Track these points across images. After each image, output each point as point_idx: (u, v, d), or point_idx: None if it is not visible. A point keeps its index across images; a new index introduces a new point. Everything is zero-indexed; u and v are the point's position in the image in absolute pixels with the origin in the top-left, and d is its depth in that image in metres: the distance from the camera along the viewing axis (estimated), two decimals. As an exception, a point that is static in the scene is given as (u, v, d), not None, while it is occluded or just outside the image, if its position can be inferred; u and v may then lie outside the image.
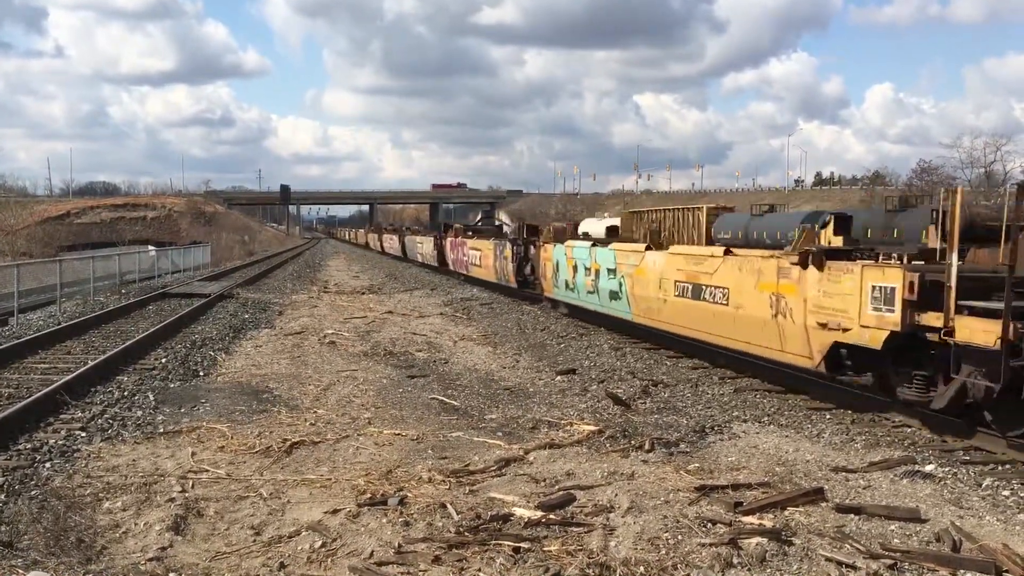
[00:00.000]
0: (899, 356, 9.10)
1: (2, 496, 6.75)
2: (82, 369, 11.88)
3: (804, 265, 10.13)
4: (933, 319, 8.41)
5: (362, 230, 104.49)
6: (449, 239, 35.09)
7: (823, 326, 9.76)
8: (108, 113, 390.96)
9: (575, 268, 18.58)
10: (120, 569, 5.51)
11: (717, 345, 12.83)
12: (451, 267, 34.79)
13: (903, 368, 9.15)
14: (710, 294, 12.30)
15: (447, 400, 10.86)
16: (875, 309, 9.00)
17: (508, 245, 25.20)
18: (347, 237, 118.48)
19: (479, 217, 45.11)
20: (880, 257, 9.71)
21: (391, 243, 57.77)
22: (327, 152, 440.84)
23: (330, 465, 7.90)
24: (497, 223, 40.84)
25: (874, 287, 9.03)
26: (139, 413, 9.95)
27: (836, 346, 9.69)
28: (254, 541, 6.04)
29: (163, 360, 13.67)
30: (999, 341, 7.60)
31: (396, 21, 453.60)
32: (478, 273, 29.44)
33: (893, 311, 8.75)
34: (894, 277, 8.80)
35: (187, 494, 6.98)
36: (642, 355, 14.67)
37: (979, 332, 7.88)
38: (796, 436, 9.12)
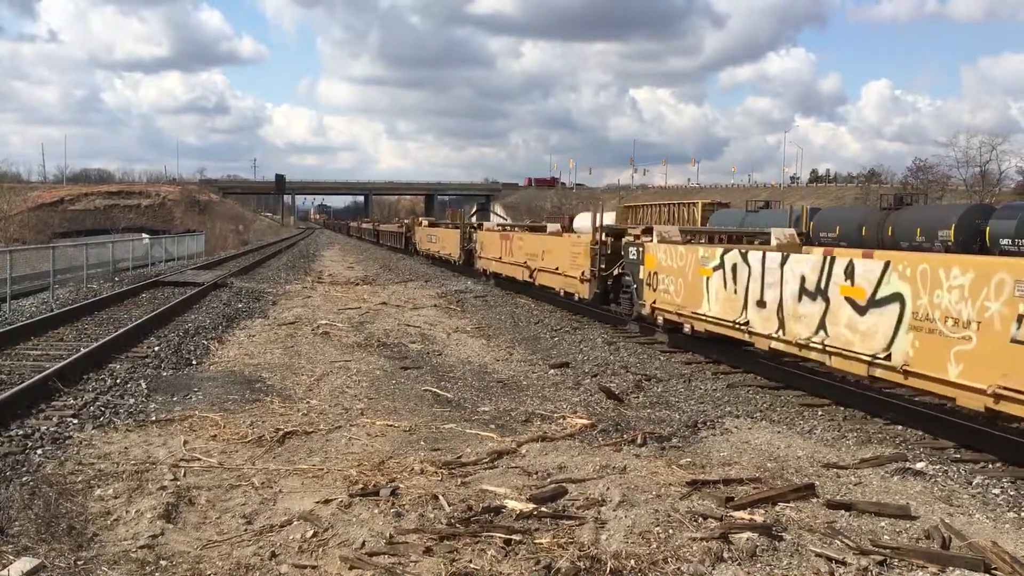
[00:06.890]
0: None
1: (-7, 482, 6.73)
2: (74, 356, 11.85)
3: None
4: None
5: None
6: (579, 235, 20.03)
7: None
8: (102, 99, 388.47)
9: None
10: (111, 556, 5.51)
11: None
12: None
13: None
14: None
15: (440, 392, 10.86)
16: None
17: None
18: (386, 239, 59.40)
19: (474, 210, 44.26)
20: None
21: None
22: (323, 142, 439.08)
23: (322, 455, 7.90)
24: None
25: None
26: (131, 401, 9.94)
27: None
28: (245, 530, 6.04)
29: (156, 348, 13.64)
30: None
31: (391, 10, 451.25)
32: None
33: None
34: None
35: (179, 482, 6.97)
36: (635, 349, 14.69)
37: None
38: (788, 432, 9.15)
